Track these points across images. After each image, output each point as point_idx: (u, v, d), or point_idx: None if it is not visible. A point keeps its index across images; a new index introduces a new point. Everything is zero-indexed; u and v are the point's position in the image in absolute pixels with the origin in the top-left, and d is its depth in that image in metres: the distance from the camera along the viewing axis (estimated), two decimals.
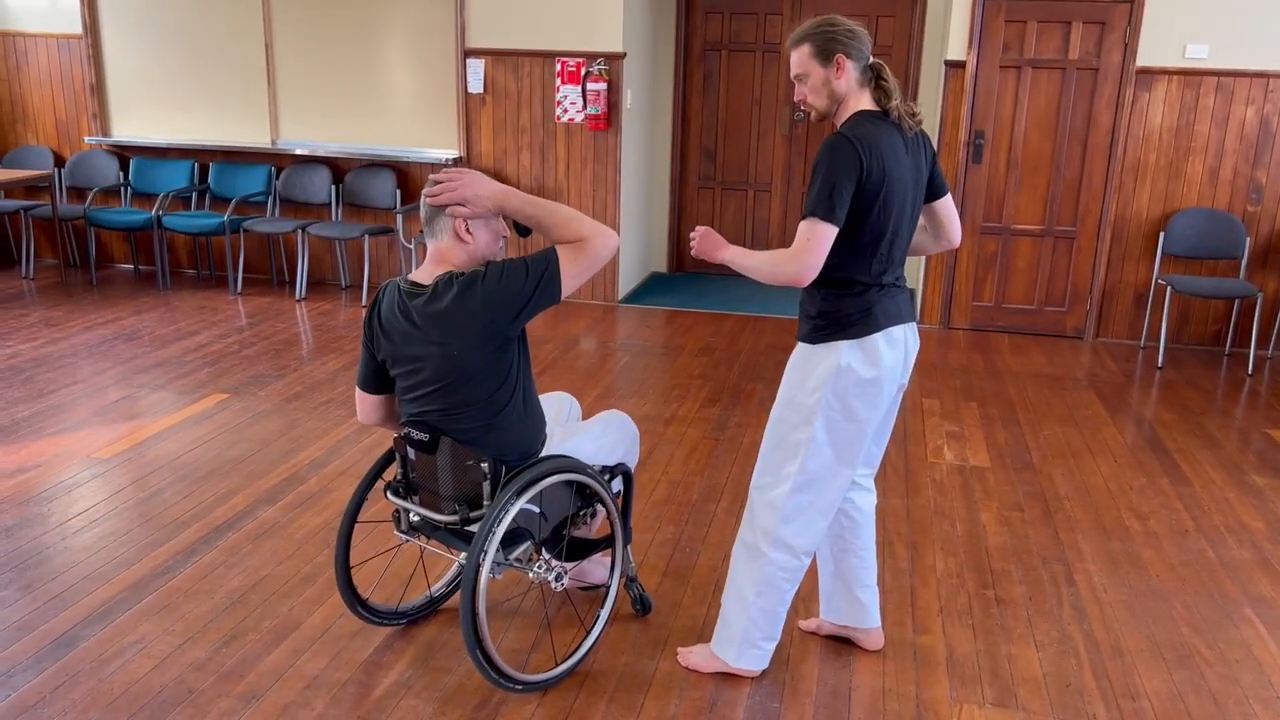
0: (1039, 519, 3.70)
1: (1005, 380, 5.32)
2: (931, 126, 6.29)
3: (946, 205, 2.58)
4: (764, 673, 2.70)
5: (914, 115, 2.42)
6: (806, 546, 2.57)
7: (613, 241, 2.38)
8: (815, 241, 2.30)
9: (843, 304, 2.42)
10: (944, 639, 2.91)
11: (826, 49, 2.36)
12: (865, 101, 2.41)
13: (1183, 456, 4.34)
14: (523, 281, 2.34)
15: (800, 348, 2.51)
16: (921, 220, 2.61)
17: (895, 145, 2.37)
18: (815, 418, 2.45)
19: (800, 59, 2.40)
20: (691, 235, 2.51)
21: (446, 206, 2.39)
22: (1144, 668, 2.80)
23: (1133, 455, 4.34)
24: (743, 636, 2.64)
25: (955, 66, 5.95)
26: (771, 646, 2.68)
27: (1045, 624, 3.00)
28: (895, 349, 2.46)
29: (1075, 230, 6.06)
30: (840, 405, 2.45)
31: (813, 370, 2.45)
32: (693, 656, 2.74)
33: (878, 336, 2.42)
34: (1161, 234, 5.89)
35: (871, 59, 2.41)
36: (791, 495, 2.51)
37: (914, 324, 2.53)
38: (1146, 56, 5.72)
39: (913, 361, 2.56)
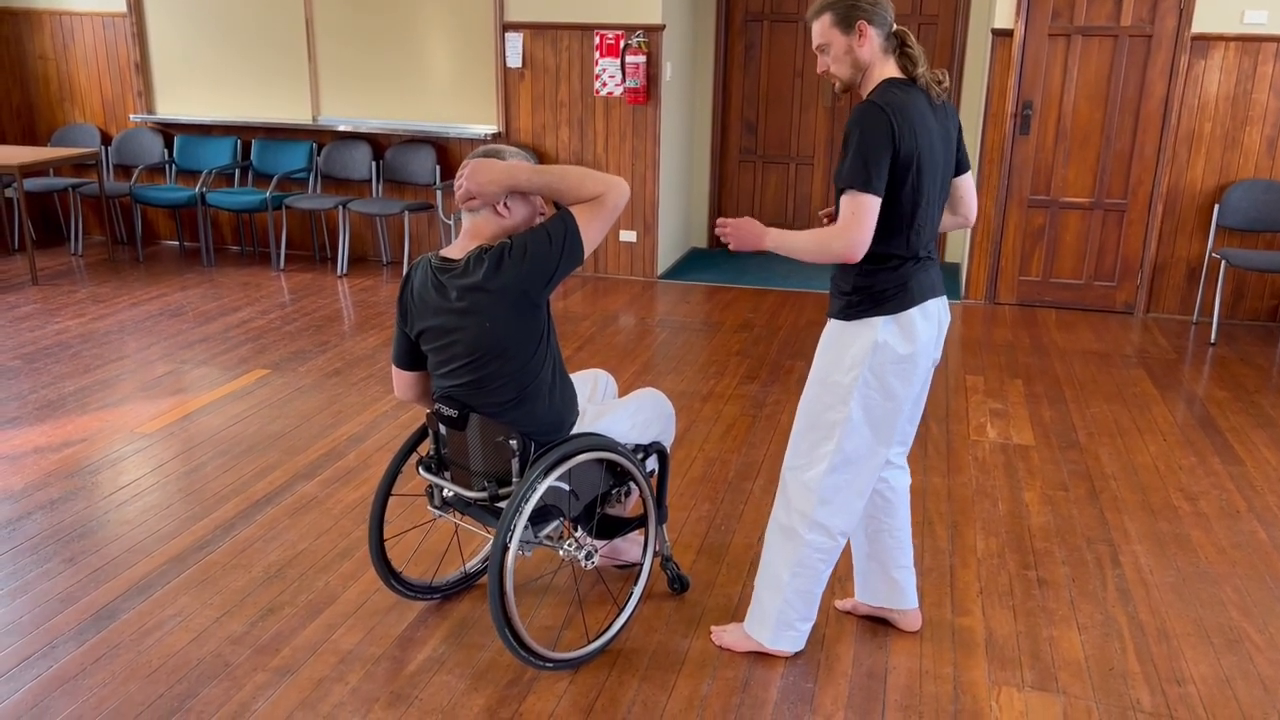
0: (1084, 499, 3.62)
1: (1052, 357, 5.21)
2: (978, 97, 6.16)
3: (967, 182, 2.54)
4: (798, 652, 2.68)
5: (940, 83, 2.37)
6: (843, 527, 2.53)
7: (625, 190, 2.40)
8: (860, 214, 2.25)
9: (878, 279, 2.37)
10: (983, 620, 2.86)
11: (848, 16, 2.31)
12: (890, 69, 2.36)
13: (1235, 435, 4.22)
14: (547, 249, 2.35)
15: (833, 325, 2.46)
16: None
17: (924, 112, 2.32)
18: (851, 397, 2.40)
19: (821, 29, 2.35)
20: (720, 229, 2.42)
21: (468, 201, 2.41)
22: (1191, 652, 2.73)
23: (1183, 434, 4.23)
24: (778, 617, 2.60)
25: (1002, 35, 5.80)
26: (808, 627, 2.65)
27: (1089, 606, 2.94)
28: (930, 324, 2.41)
29: (1126, 203, 5.90)
30: (877, 383, 2.40)
31: (848, 348, 2.41)
32: (726, 636, 2.72)
33: (913, 311, 2.37)
34: (1216, 206, 5.71)
35: (895, 25, 2.36)
36: (828, 476, 2.47)
37: (945, 297, 2.48)
38: (1202, 22, 5.53)
39: (944, 336, 2.51)
